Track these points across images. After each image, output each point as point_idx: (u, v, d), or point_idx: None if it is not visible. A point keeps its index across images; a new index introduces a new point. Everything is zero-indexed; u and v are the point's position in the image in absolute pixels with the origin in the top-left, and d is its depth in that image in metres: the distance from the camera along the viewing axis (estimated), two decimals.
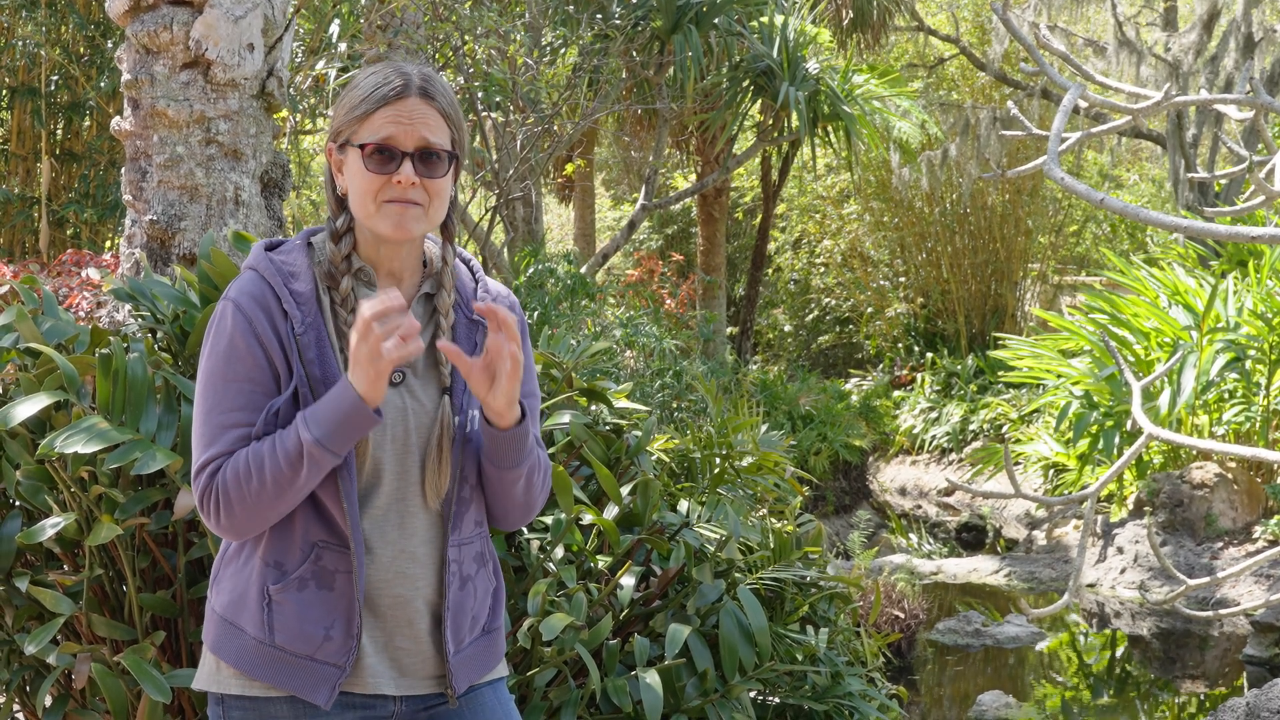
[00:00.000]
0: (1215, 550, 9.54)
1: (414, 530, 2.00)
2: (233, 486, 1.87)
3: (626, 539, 3.44)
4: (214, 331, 1.96)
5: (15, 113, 11.56)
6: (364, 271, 2.01)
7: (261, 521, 1.91)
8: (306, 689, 1.95)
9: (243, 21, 4.78)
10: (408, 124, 1.94)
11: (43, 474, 2.96)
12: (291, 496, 1.88)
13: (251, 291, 1.96)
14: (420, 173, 1.95)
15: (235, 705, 1.98)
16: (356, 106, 1.96)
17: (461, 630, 2.05)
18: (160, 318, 3.19)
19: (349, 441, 1.87)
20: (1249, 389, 10.25)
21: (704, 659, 3.32)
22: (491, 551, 2.13)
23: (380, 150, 1.93)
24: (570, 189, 17.24)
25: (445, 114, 1.99)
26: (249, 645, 1.96)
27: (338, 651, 1.95)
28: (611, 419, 3.72)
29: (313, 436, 1.84)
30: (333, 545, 1.95)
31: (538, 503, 2.11)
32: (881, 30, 16.28)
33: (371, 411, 1.85)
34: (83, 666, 2.82)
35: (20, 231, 11.38)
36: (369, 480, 1.97)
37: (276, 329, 1.93)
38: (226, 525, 1.90)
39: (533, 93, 10.24)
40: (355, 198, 1.97)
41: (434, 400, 2.01)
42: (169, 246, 4.75)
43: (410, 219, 1.95)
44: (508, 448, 1.99)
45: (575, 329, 9.04)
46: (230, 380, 1.92)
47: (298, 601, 1.94)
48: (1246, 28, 14.55)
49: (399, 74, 1.97)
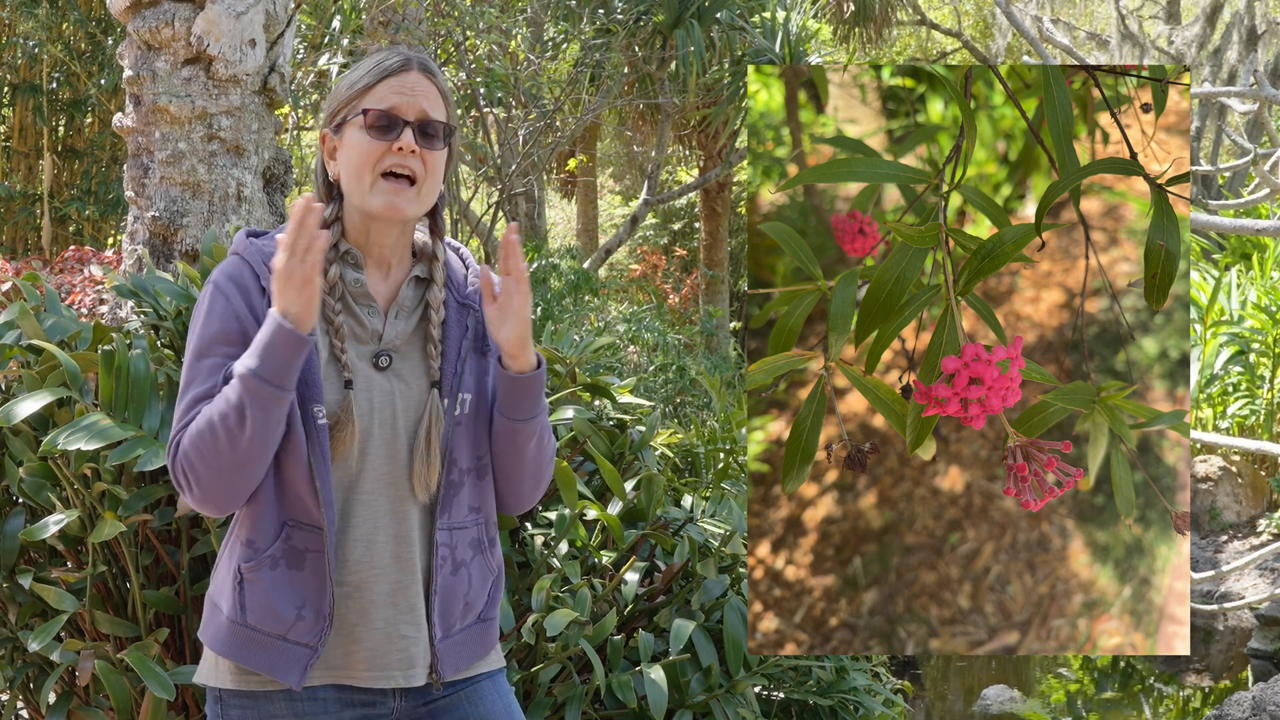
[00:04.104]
0: (1219, 544, 9.54)
1: (406, 514, 1.98)
2: (193, 451, 1.85)
3: (630, 534, 3.43)
4: (195, 316, 1.96)
5: (17, 110, 11.56)
6: (351, 254, 2.00)
7: (230, 485, 1.87)
8: (278, 669, 1.93)
9: (244, 17, 4.78)
10: (410, 95, 1.97)
11: (45, 471, 2.95)
12: (248, 448, 1.83)
13: (231, 273, 1.96)
14: (420, 143, 1.96)
15: (234, 703, 1.97)
16: (357, 82, 1.99)
17: (451, 615, 2.03)
18: (163, 314, 3.19)
19: (284, 369, 1.82)
20: (1253, 383, 10.24)
21: (708, 654, 3.32)
22: (494, 540, 2.11)
23: (382, 118, 1.95)
24: (573, 184, 17.24)
25: (443, 93, 2.02)
26: (223, 625, 1.95)
27: (309, 632, 1.93)
28: (615, 414, 3.72)
29: (244, 368, 1.81)
30: (303, 524, 1.93)
31: (545, 475, 2.10)
32: (884, 24, 16.26)
33: (298, 332, 1.81)
34: (86, 664, 2.82)
35: (22, 228, 11.39)
36: (358, 465, 1.96)
37: (253, 306, 1.93)
38: (199, 495, 1.88)
39: (535, 88, 10.23)
40: (351, 170, 1.97)
41: (421, 387, 2.00)
42: (171, 243, 4.75)
43: (404, 199, 1.96)
44: (524, 393, 1.99)
45: (578, 324, 9.04)
46: (204, 358, 1.91)
47: (268, 580, 1.92)
48: (1249, 20, 14.53)
49: (399, 53, 2.01)
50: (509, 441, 2.03)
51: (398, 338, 2.00)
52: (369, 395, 1.96)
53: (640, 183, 18.57)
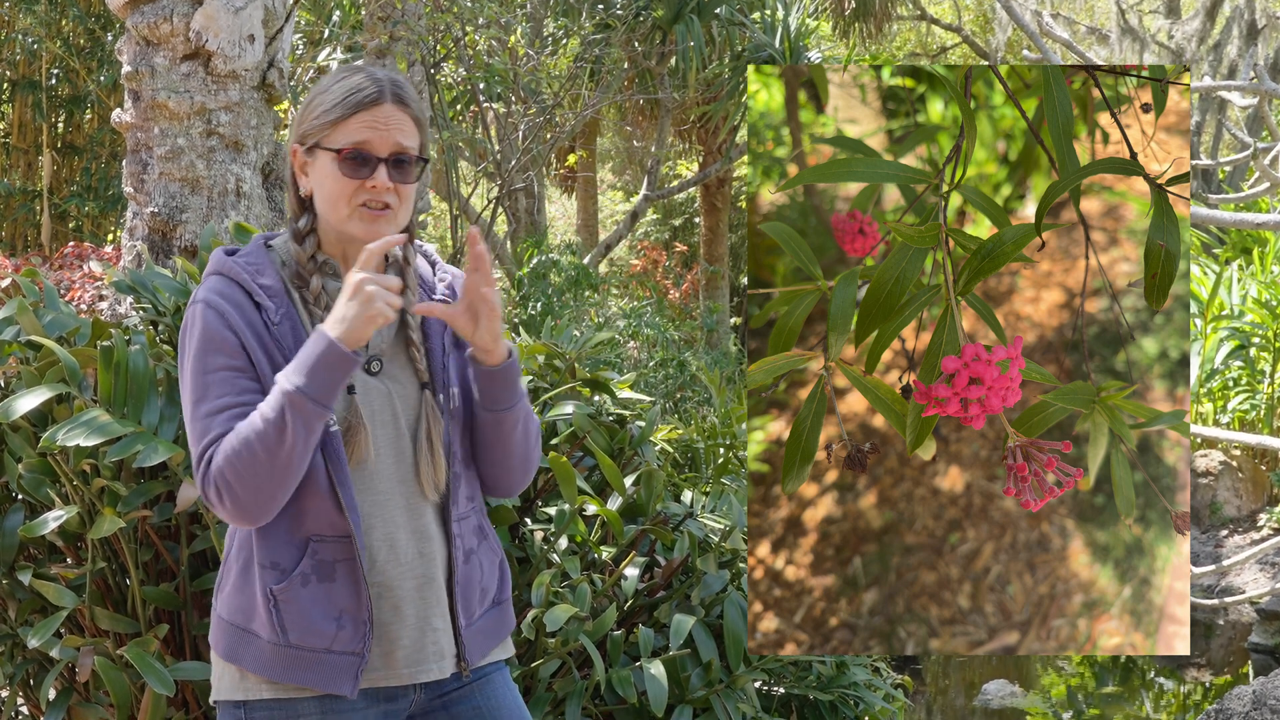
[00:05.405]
0: (1220, 538, 9.54)
1: (421, 510, 2.01)
2: (227, 466, 1.84)
3: (630, 530, 3.43)
4: (187, 335, 1.95)
5: (16, 106, 11.55)
6: (329, 265, 2.02)
7: (267, 499, 1.87)
8: (330, 683, 1.95)
9: (243, 13, 4.77)
10: (383, 130, 1.95)
11: (45, 467, 2.95)
12: (286, 463, 1.84)
13: (220, 290, 1.95)
14: (393, 178, 1.96)
15: (260, 707, 1.98)
16: (329, 111, 1.96)
17: (471, 603, 2.07)
18: (162, 310, 3.19)
19: (331, 387, 1.84)
20: (1253, 377, 10.24)
21: (709, 649, 3.32)
22: (489, 525, 2.15)
23: (355, 156, 1.94)
24: (573, 180, 17.23)
25: (416, 119, 2.01)
26: (265, 649, 1.96)
27: (353, 639, 1.95)
28: (615, 410, 3.72)
29: (291, 384, 1.82)
30: (327, 537, 1.94)
31: (534, 457, 2.12)
32: (884, 19, 16.25)
33: (349, 352, 1.83)
34: (86, 660, 2.82)
35: (22, 225, 11.38)
36: (371, 469, 1.97)
37: (250, 320, 1.93)
38: (233, 509, 1.87)
39: (534, 83, 10.23)
40: (326, 201, 1.98)
41: (413, 386, 2.03)
42: (170, 238, 4.75)
43: (381, 224, 1.97)
44: (501, 385, 2.01)
45: (578, 320, 9.04)
46: (210, 371, 1.91)
47: (303, 598, 1.94)
48: (1250, 14, 14.52)
49: (372, 80, 1.97)
50: (494, 432, 2.05)
51: (383, 343, 2.02)
52: (368, 399, 1.98)
53: (640, 178, 18.57)
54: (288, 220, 2.05)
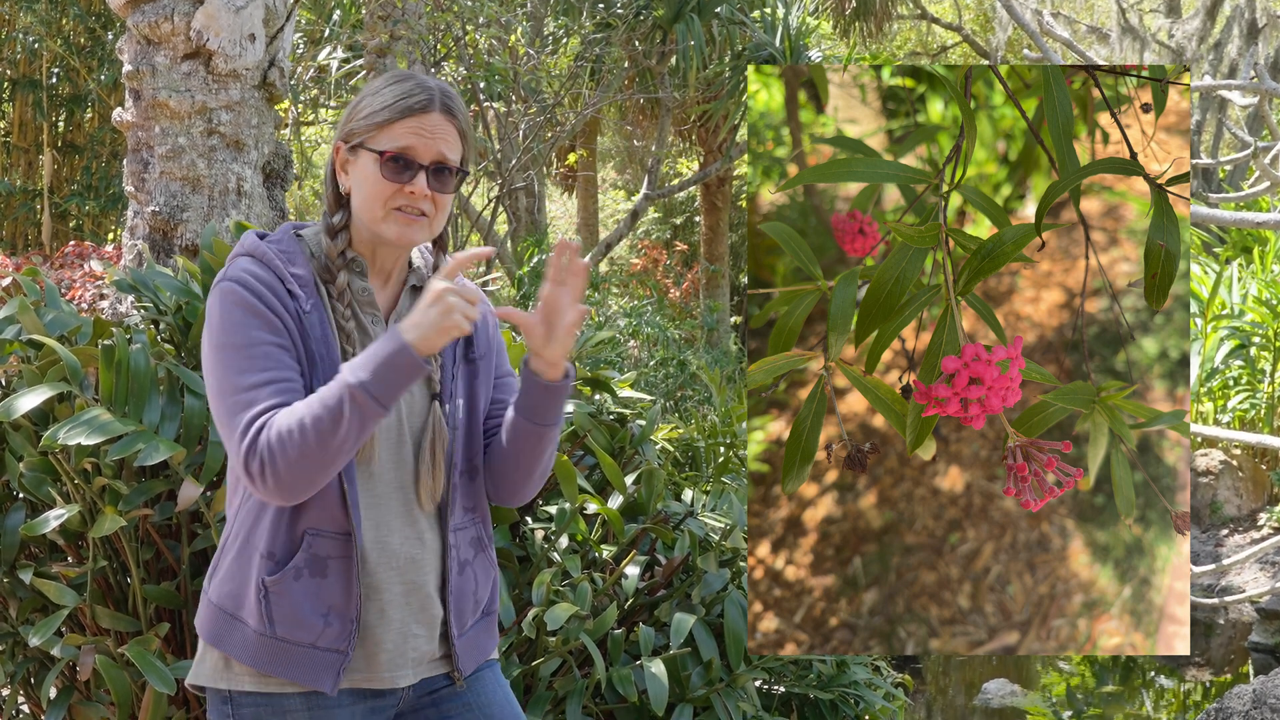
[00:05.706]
0: (1220, 538, 9.54)
1: (416, 516, 2.02)
2: (277, 446, 1.83)
3: (631, 528, 3.44)
4: (218, 311, 1.93)
5: (17, 105, 11.55)
6: (356, 262, 2.02)
7: (306, 483, 1.86)
8: (311, 678, 1.95)
9: (244, 12, 4.77)
10: (429, 138, 1.96)
11: (46, 466, 2.96)
12: (335, 454, 1.84)
13: (253, 271, 1.95)
14: (433, 186, 1.97)
15: (247, 701, 1.98)
16: (378, 113, 1.97)
17: (465, 614, 2.08)
18: (163, 309, 3.19)
19: (393, 389, 1.83)
20: (1253, 376, 10.25)
21: (709, 648, 3.32)
22: (490, 537, 2.15)
23: (397, 159, 1.95)
24: (573, 179, 17.23)
25: (462, 132, 2.01)
26: (251, 638, 1.96)
27: (338, 637, 1.96)
28: (615, 408, 3.72)
29: (356, 379, 1.82)
30: (325, 532, 1.95)
31: (549, 468, 2.14)
32: (884, 18, 16.25)
33: (420, 359, 1.83)
34: (87, 658, 2.82)
35: (23, 224, 11.39)
36: (372, 471, 1.98)
37: (285, 304, 1.93)
38: (272, 486, 1.86)
39: (534, 83, 10.23)
40: (363, 201, 1.98)
41: (423, 395, 2.03)
42: (171, 237, 4.75)
43: (415, 230, 1.98)
44: (553, 401, 2.01)
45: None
46: (255, 345, 1.89)
47: (295, 592, 1.94)
48: (1250, 14, 14.51)
49: (423, 88, 1.98)
50: (533, 444, 2.05)
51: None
52: None
53: (640, 177, 18.57)
54: (323, 214, 2.05)
